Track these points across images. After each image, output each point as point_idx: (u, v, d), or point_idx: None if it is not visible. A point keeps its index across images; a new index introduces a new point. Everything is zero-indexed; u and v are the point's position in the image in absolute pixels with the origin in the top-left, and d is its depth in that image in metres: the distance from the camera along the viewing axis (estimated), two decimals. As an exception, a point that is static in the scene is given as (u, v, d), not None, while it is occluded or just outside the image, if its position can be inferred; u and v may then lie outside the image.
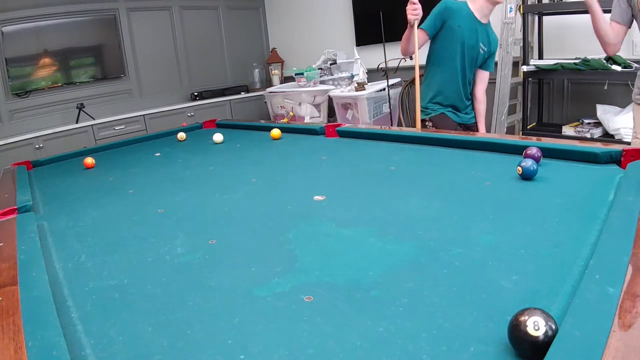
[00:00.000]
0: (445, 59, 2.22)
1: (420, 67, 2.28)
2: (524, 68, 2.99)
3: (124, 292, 0.80)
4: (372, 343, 0.59)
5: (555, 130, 3.01)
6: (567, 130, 2.93)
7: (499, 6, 2.20)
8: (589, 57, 2.68)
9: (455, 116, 2.31)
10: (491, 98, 3.20)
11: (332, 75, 4.29)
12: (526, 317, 0.52)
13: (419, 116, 2.26)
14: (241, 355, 0.59)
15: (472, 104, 2.39)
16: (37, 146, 3.66)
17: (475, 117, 2.40)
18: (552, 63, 2.89)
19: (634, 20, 1.81)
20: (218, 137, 2.20)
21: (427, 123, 2.32)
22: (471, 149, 1.54)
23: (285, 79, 5.14)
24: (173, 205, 1.31)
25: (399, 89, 3.96)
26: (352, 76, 4.14)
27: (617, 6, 1.83)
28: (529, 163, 1.17)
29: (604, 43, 1.90)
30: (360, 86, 3.85)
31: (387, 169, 1.46)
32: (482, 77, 2.34)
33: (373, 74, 4.11)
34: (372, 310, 0.66)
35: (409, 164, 1.51)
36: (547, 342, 0.50)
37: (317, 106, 4.23)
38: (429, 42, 2.23)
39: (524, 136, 1.99)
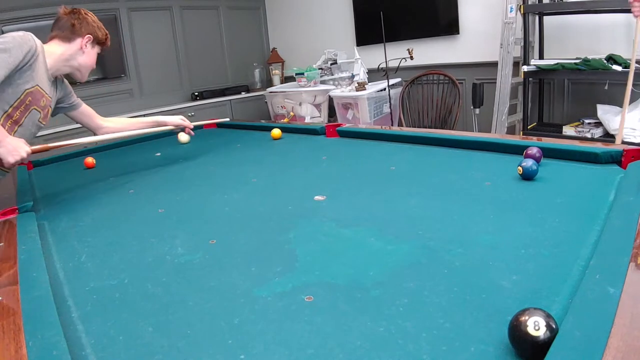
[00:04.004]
0: None
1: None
2: (525, 68, 2.99)
3: (124, 292, 0.80)
4: (372, 343, 0.59)
5: (555, 130, 3.01)
6: (568, 130, 2.93)
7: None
8: (590, 57, 2.68)
9: None
10: (492, 98, 3.20)
11: (332, 75, 4.29)
12: (526, 317, 0.52)
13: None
14: (241, 355, 0.59)
15: None
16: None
17: None
18: (552, 63, 2.89)
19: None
20: (183, 137, 2.14)
21: None
22: (471, 149, 1.54)
23: (286, 79, 5.14)
24: (173, 205, 1.31)
25: (400, 89, 3.97)
26: (353, 76, 4.14)
27: None
28: (529, 163, 1.17)
29: None
30: (361, 86, 3.85)
31: (387, 169, 1.46)
32: None
33: (373, 74, 4.11)
34: (372, 310, 0.66)
35: (409, 164, 1.51)
36: (547, 342, 0.50)
37: (317, 106, 4.23)
38: None
39: (524, 136, 1.98)
